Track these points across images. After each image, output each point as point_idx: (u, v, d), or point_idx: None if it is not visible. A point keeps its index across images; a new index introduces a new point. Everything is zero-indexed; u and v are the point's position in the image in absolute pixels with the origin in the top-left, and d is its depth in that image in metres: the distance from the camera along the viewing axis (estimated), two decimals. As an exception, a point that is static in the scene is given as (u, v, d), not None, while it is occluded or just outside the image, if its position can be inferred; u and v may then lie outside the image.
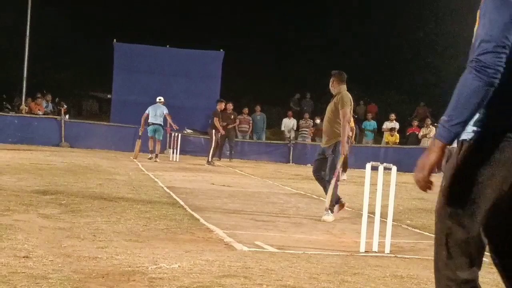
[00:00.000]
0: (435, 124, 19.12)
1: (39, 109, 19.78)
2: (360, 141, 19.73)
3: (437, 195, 2.30)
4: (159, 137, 15.54)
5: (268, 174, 13.40)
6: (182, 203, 7.35)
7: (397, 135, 19.36)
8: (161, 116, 15.53)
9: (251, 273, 3.99)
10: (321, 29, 27.74)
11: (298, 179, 12.22)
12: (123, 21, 26.84)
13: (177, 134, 16.29)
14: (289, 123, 20.90)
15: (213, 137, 15.55)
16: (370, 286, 3.93)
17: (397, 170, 5.13)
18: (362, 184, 5.52)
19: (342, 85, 6.96)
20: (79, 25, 26.60)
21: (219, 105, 16.20)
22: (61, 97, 22.40)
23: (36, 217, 5.71)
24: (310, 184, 9.89)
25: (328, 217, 6.69)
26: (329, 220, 6.65)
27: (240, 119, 19.77)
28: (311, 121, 20.14)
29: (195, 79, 20.16)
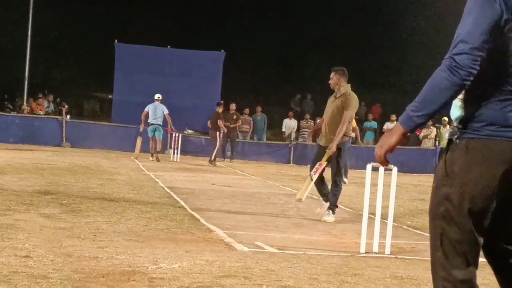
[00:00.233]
0: (436, 125, 19.11)
1: (40, 109, 19.80)
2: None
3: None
4: (159, 136, 15.56)
5: (268, 174, 13.41)
6: (182, 203, 7.36)
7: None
8: (161, 116, 15.54)
9: (251, 274, 3.99)
10: (322, 30, 27.74)
11: (298, 180, 12.21)
12: (125, 22, 26.88)
13: (178, 134, 16.31)
14: (290, 124, 20.90)
15: (217, 138, 15.62)
16: (370, 287, 3.94)
17: (397, 171, 5.13)
18: (362, 185, 5.53)
19: (346, 84, 6.80)
20: (81, 25, 26.63)
21: (220, 108, 16.23)
22: (63, 97, 22.43)
23: (37, 216, 5.72)
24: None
25: (329, 218, 6.68)
26: (330, 220, 6.65)
27: (241, 119, 19.80)
28: (312, 121, 20.14)
29: (196, 79, 20.17)
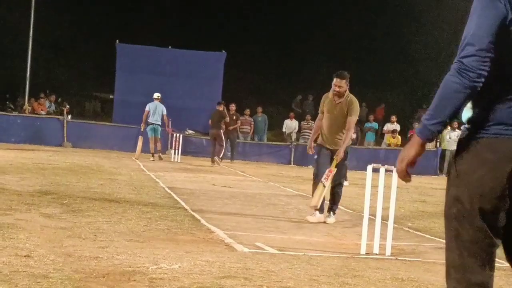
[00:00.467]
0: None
1: (42, 109, 19.82)
2: (361, 143, 19.69)
3: (437, 198, 2.31)
4: (157, 135, 15.69)
5: (269, 175, 13.40)
6: (183, 203, 7.36)
7: (399, 137, 19.32)
8: (161, 116, 15.66)
9: (251, 274, 4.00)
10: (323, 30, 27.75)
11: (299, 181, 12.21)
12: (126, 22, 26.90)
13: (178, 134, 16.32)
14: (291, 125, 20.88)
15: (221, 136, 15.76)
16: (370, 288, 3.94)
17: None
18: (363, 186, 5.53)
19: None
20: (82, 25, 26.67)
21: (220, 107, 16.25)
22: (64, 97, 22.45)
23: (37, 216, 5.72)
24: (311, 185, 9.87)
25: (330, 219, 6.66)
26: (331, 221, 6.63)
27: (241, 120, 19.80)
28: (313, 122, 20.10)
29: (197, 80, 20.17)
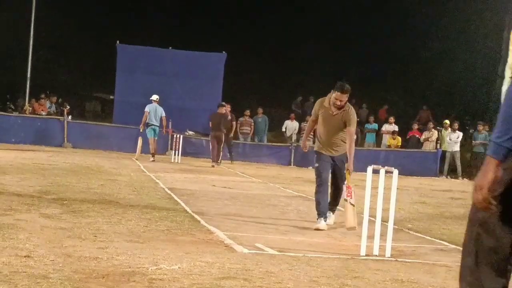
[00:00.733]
0: (438, 127, 19.09)
1: (42, 110, 19.83)
2: (361, 144, 19.67)
3: (437, 199, 2.31)
4: (155, 136, 15.78)
5: (269, 176, 13.40)
6: (183, 204, 7.36)
7: (399, 138, 19.32)
8: (159, 118, 15.78)
9: (251, 275, 3.99)
10: (323, 31, 27.76)
11: (299, 182, 12.21)
12: (126, 23, 26.92)
13: (178, 135, 16.34)
14: (292, 126, 20.87)
15: (222, 140, 15.93)
16: (370, 289, 3.94)
17: (398, 173, 5.13)
18: (363, 187, 5.53)
19: None
20: (83, 26, 26.67)
21: (221, 109, 16.27)
22: (64, 98, 22.46)
23: (37, 217, 5.72)
24: (311, 187, 9.87)
25: (330, 220, 6.66)
26: (330, 222, 6.64)
27: (241, 121, 19.80)
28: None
29: (197, 80, 20.18)
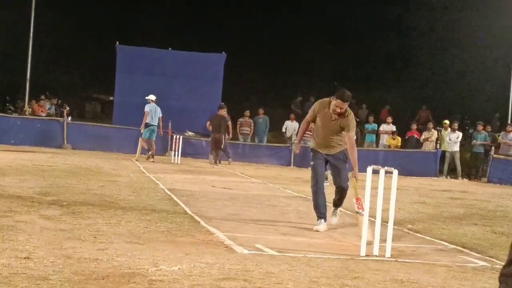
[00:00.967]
0: (437, 127, 19.08)
1: (42, 111, 19.83)
2: (361, 144, 19.66)
3: (437, 199, 2.31)
4: (154, 137, 15.80)
5: (269, 177, 13.40)
6: (182, 205, 7.36)
7: (399, 138, 19.31)
8: (157, 117, 15.82)
9: (251, 276, 3.99)
10: (324, 31, 27.77)
11: (299, 182, 12.21)
12: (126, 24, 26.94)
13: (178, 136, 16.34)
14: (292, 126, 20.87)
15: (222, 142, 15.92)
16: (369, 290, 3.93)
17: (398, 173, 5.12)
18: (363, 187, 5.53)
19: None
20: (82, 27, 26.68)
21: (222, 111, 16.30)
22: (64, 99, 22.46)
23: (37, 218, 5.72)
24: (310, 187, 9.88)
25: (334, 220, 6.60)
26: (334, 222, 6.58)
27: (241, 121, 19.80)
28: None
29: (197, 81, 20.18)
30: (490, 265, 5.01)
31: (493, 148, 17.77)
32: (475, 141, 18.21)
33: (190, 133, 19.12)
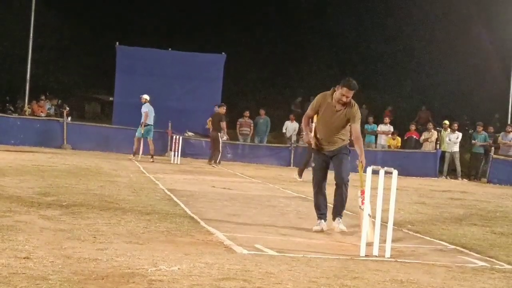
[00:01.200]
0: (437, 128, 19.08)
1: (41, 111, 19.83)
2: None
3: (437, 200, 2.30)
4: (151, 136, 15.87)
5: (269, 177, 13.40)
6: (182, 205, 7.36)
7: (399, 139, 19.31)
8: (153, 117, 15.92)
9: (250, 276, 3.99)
10: (324, 32, 27.78)
11: (299, 183, 12.21)
12: (126, 24, 26.95)
13: (178, 136, 16.35)
14: (292, 126, 20.87)
15: (219, 139, 15.77)
16: (369, 290, 3.93)
17: (398, 174, 5.12)
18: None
19: None
20: (82, 28, 26.70)
21: (221, 109, 16.28)
22: (64, 99, 22.48)
23: (37, 218, 5.72)
24: (310, 187, 9.87)
25: (342, 226, 6.26)
26: (343, 228, 6.24)
27: (241, 122, 19.80)
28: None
29: (196, 82, 20.19)
30: (489, 265, 5.01)
31: (493, 148, 17.78)
32: (474, 141, 18.22)
33: (189, 134, 19.13)
